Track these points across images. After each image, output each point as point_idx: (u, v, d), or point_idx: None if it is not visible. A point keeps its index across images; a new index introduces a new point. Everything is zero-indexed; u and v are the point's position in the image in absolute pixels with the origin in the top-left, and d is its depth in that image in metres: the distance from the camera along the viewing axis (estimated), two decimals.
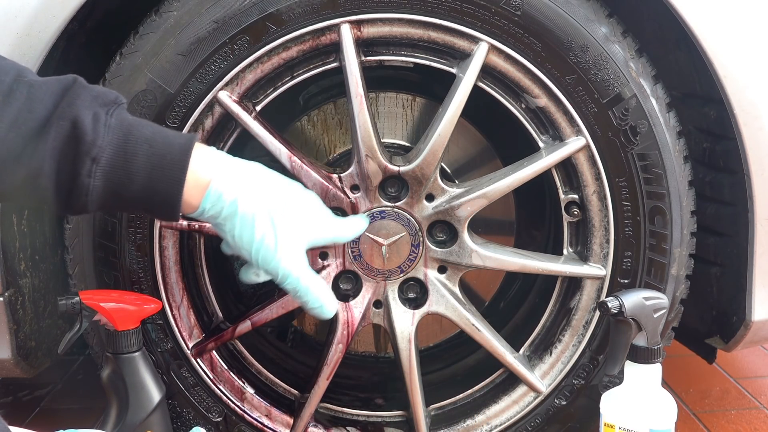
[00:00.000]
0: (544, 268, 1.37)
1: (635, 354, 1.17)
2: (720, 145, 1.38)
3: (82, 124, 0.94)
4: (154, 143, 0.98)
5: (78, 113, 0.94)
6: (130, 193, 0.98)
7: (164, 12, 1.23)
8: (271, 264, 1.06)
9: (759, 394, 1.82)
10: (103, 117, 0.96)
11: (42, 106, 0.93)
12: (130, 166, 0.96)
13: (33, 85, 0.94)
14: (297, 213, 1.08)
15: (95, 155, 0.94)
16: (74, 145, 0.93)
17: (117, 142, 0.96)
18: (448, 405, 1.47)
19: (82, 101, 0.95)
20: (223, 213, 1.03)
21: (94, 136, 0.94)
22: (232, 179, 1.03)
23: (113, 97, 0.99)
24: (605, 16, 1.26)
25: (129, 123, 0.98)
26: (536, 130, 1.32)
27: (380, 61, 1.30)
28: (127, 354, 1.17)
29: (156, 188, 0.98)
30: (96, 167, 0.95)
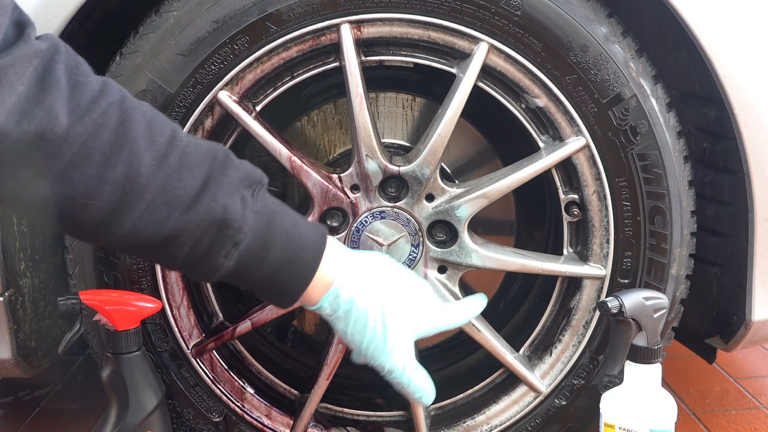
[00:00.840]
0: (544, 268, 1.37)
1: (635, 354, 1.17)
2: (720, 145, 1.38)
3: (232, 211, 0.94)
4: (292, 237, 0.99)
5: (227, 198, 0.94)
6: (254, 278, 0.99)
7: (164, 12, 1.23)
8: (379, 360, 1.08)
9: (759, 394, 1.82)
10: (250, 201, 0.96)
11: (192, 178, 0.92)
12: (266, 255, 0.97)
13: (185, 151, 0.93)
14: (408, 307, 1.09)
15: (238, 240, 0.95)
16: (219, 228, 0.94)
17: (259, 230, 0.96)
18: (448, 405, 1.47)
19: (231, 179, 0.95)
20: (339, 312, 1.05)
21: (241, 223, 0.95)
22: (352, 279, 1.05)
23: (258, 177, 0.99)
24: (605, 16, 1.26)
25: (272, 210, 0.99)
26: (536, 130, 1.32)
27: (380, 61, 1.30)
28: (127, 354, 1.17)
29: (282, 280, 1.00)
30: (235, 250, 0.96)
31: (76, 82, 0.86)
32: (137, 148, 0.88)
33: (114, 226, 0.90)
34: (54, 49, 0.87)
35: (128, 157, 0.88)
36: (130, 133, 0.88)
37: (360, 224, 1.32)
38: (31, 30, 0.86)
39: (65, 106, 0.84)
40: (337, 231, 1.33)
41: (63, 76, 0.85)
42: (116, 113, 0.88)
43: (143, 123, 0.90)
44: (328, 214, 1.33)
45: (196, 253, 0.95)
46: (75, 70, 0.87)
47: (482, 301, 1.20)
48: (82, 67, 0.89)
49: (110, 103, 0.88)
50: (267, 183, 1.01)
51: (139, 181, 0.89)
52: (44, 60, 0.85)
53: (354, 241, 1.33)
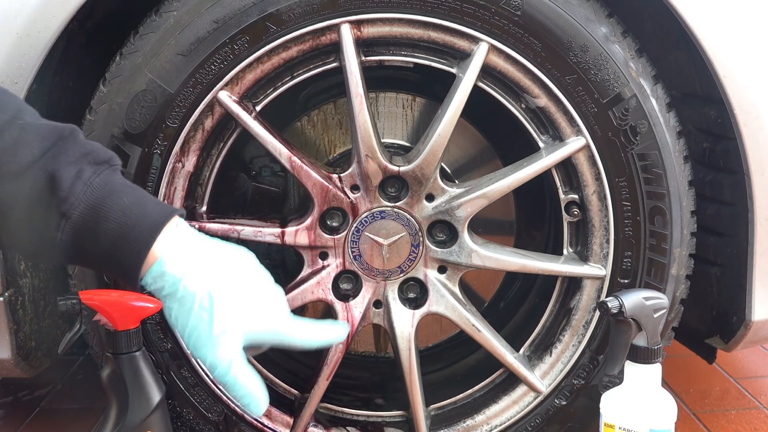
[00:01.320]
0: (544, 268, 1.37)
1: (635, 354, 1.17)
2: (720, 145, 1.38)
3: (60, 179, 0.92)
4: (129, 213, 0.95)
5: (59, 167, 0.92)
6: (91, 255, 0.96)
7: (164, 12, 1.23)
8: (201, 351, 0.99)
9: (759, 394, 1.82)
10: (87, 175, 0.94)
11: (28, 151, 0.92)
12: (99, 229, 0.94)
13: (25, 128, 0.92)
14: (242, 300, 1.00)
15: (65, 211, 0.93)
16: (47, 198, 0.92)
17: (92, 203, 0.94)
18: (448, 405, 1.47)
19: (69, 155, 0.93)
20: (164, 290, 0.99)
21: (68, 193, 0.92)
22: (185, 259, 0.99)
23: (107, 157, 0.97)
24: (605, 16, 1.26)
25: (113, 186, 0.95)
26: (536, 130, 1.32)
27: (380, 61, 1.30)
28: (127, 354, 1.17)
29: (117, 256, 0.96)
30: (66, 223, 0.93)
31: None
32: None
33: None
34: None
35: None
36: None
37: (360, 224, 1.32)
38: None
39: None
40: (337, 231, 1.33)
41: None
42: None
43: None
44: (328, 214, 1.33)
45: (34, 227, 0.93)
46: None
47: (343, 330, 1.10)
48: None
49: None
50: (119, 165, 0.98)
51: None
52: None
53: (354, 241, 1.33)
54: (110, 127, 1.24)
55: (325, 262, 1.35)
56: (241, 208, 1.56)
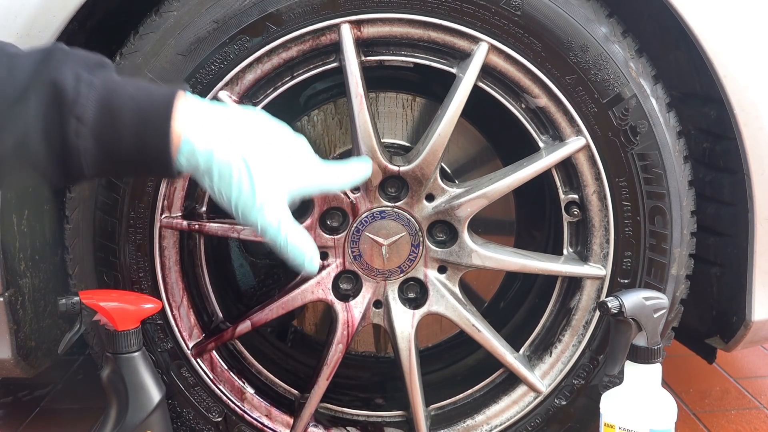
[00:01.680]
0: (544, 268, 1.37)
1: (635, 354, 1.17)
2: (720, 145, 1.38)
3: (62, 84, 0.90)
4: (138, 98, 0.94)
5: (58, 75, 0.91)
6: (121, 152, 0.94)
7: (164, 12, 1.23)
8: (251, 216, 0.99)
9: (759, 394, 1.82)
10: (86, 76, 0.93)
11: (23, 73, 0.91)
12: (117, 123, 0.93)
13: (14, 56, 0.92)
14: (277, 158, 1.00)
15: (78, 114, 0.91)
16: (57, 106, 0.91)
17: (100, 100, 0.92)
18: (448, 405, 1.47)
19: (63, 64, 0.92)
20: (199, 167, 0.98)
21: (75, 94, 0.91)
22: (208, 130, 0.98)
23: (98, 59, 0.96)
24: (605, 16, 1.26)
25: (114, 81, 0.94)
26: (536, 130, 1.32)
27: (380, 61, 1.30)
28: (127, 354, 1.17)
29: (146, 144, 0.95)
30: (81, 126, 0.92)
31: None
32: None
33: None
34: None
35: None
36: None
37: (360, 224, 1.32)
38: None
39: None
40: (337, 231, 1.33)
41: None
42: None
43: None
44: (328, 214, 1.33)
45: (52, 142, 0.91)
46: None
47: (368, 165, 1.11)
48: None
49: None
50: (111, 66, 0.97)
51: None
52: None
53: (354, 241, 1.33)
54: None
55: (325, 262, 1.35)
56: None
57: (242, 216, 0.99)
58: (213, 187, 0.99)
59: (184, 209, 1.30)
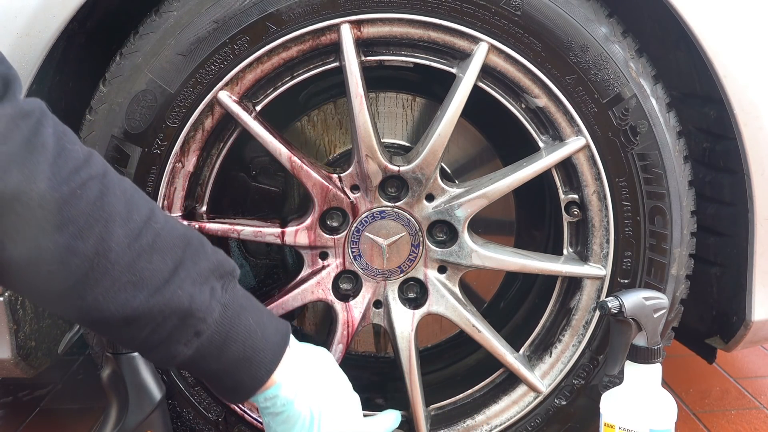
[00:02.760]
0: (544, 268, 1.37)
1: (635, 354, 1.17)
2: (720, 145, 1.38)
3: (198, 300, 0.93)
4: (254, 335, 0.99)
5: (195, 288, 0.93)
6: (209, 370, 0.99)
7: (164, 12, 1.23)
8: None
9: (759, 394, 1.82)
10: (219, 293, 0.96)
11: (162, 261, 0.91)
12: (225, 349, 0.97)
13: (159, 234, 0.92)
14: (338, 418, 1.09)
15: (200, 330, 0.94)
16: (183, 316, 0.92)
17: (223, 324, 0.96)
18: (448, 405, 1.47)
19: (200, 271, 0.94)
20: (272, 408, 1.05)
21: (206, 313, 0.94)
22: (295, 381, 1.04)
23: (230, 268, 0.99)
24: (605, 16, 1.26)
25: (239, 305, 0.98)
26: (536, 130, 1.32)
27: (380, 61, 1.30)
28: (127, 354, 1.17)
29: (236, 377, 1.00)
30: (195, 339, 0.95)
31: (62, 148, 0.85)
32: (112, 224, 0.87)
33: (76, 299, 0.88)
34: (42, 113, 0.85)
35: (101, 232, 0.86)
36: (108, 207, 0.87)
37: (360, 224, 1.32)
38: (17, 87, 0.84)
39: (46, 171, 0.83)
40: (337, 231, 1.33)
41: (50, 140, 0.84)
42: (97, 186, 0.87)
43: (122, 199, 0.89)
44: (328, 214, 1.33)
45: (155, 338, 0.93)
46: (63, 137, 0.86)
47: (397, 419, 1.25)
48: (69, 135, 0.88)
49: (92, 176, 0.87)
50: (238, 275, 1.00)
51: (109, 257, 0.87)
52: (32, 122, 0.83)
53: (354, 241, 1.33)
54: (110, 127, 1.24)
55: (325, 262, 1.35)
56: (241, 208, 1.56)
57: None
58: (271, 425, 1.07)
59: (185, 209, 1.30)
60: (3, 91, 0.83)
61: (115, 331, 0.93)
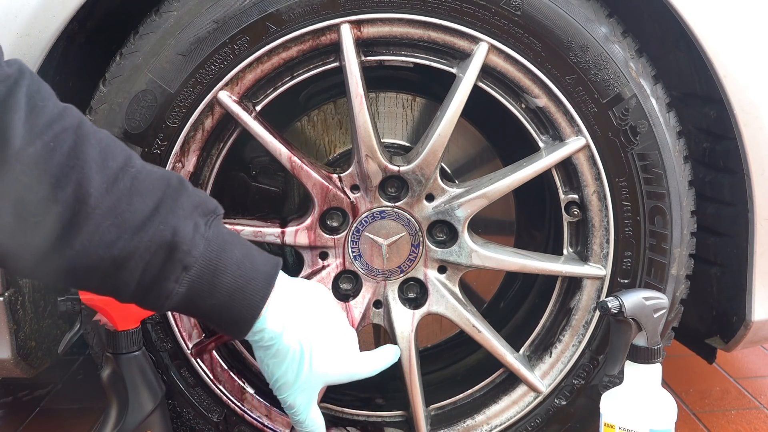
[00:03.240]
0: (544, 268, 1.37)
1: (635, 354, 1.17)
2: (720, 145, 1.38)
3: (182, 232, 0.94)
4: (242, 266, 1.00)
5: (178, 222, 0.94)
6: (205, 306, 0.99)
7: (164, 12, 1.23)
8: (285, 393, 1.11)
9: (759, 394, 1.82)
10: (202, 228, 0.97)
11: (142, 202, 0.93)
12: (216, 282, 0.98)
13: (137, 177, 0.93)
14: (330, 354, 1.10)
15: (187, 264, 0.95)
16: (169, 251, 0.94)
17: (210, 257, 0.97)
18: (448, 405, 1.47)
19: (183, 208, 0.96)
20: (262, 342, 1.07)
21: (191, 246, 0.95)
22: (283, 314, 1.05)
23: (213, 206, 1.00)
24: (605, 16, 1.26)
25: (224, 239, 0.99)
26: (536, 130, 1.32)
27: (380, 61, 1.30)
28: (127, 354, 1.17)
29: (233, 308, 1.01)
30: (184, 275, 0.96)
31: (34, 105, 0.87)
32: (88, 171, 0.89)
33: (65, 247, 0.90)
34: (19, 74, 0.88)
35: (78, 179, 0.88)
36: (82, 156, 0.89)
37: (360, 224, 1.32)
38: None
39: (20, 127, 0.85)
40: (337, 231, 1.33)
41: (23, 99, 0.86)
42: (70, 137, 0.89)
43: (97, 148, 0.91)
44: (328, 214, 1.33)
45: (147, 277, 0.94)
46: (35, 94, 0.88)
47: (396, 353, 1.25)
48: (43, 92, 0.90)
49: (65, 128, 0.89)
50: (222, 213, 1.01)
51: (89, 203, 0.89)
52: (8, 84, 0.86)
53: (354, 241, 1.33)
54: (110, 127, 1.24)
55: (325, 262, 1.35)
56: (241, 208, 1.56)
57: (277, 390, 1.11)
58: (263, 359, 1.09)
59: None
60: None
61: (109, 280, 0.94)
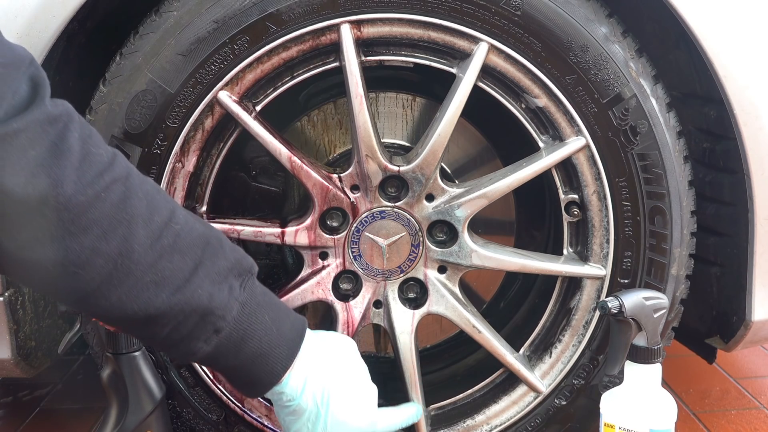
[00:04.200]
0: (544, 268, 1.37)
1: (635, 354, 1.17)
2: (720, 145, 1.38)
3: (218, 298, 0.95)
4: (269, 332, 1.01)
5: (214, 287, 0.95)
6: (227, 365, 1.01)
7: (164, 12, 1.23)
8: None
9: (759, 394, 1.82)
10: (237, 291, 0.98)
11: (183, 261, 0.93)
12: (243, 346, 0.99)
13: (179, 234, 0.94)
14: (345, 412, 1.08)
15: (219, 327, 0.96)
16: (203, 314, 0.95)
17: (241, 321, 0.98)
18: (448, 405, 1.47)
19: (220, 272, 0.96)
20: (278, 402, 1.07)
21: (225, 311, 0.96)
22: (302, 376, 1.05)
23: (248, 266, 1.01)
24: (605, 16, 1.26)
25: (257, 302, 1.00)
26: (536, 130, 1.32)
27: (380, 61, 1.30)
28: (127, 354, 1.17)
29: (253, 372, 1.02)
30: (215, 336, 0.97)
31: (87, 152, 0.87)
32: (134, 226, 0.89)
33: (101, 298, 0.90)
34: (68, 117, 0.87)
35: (124, 234, 0.88)
36: (130, 209, 0.89)
37: (360, 224, 1.32)
38: (45, 91, 0.86)
39: (72, 175, 0.85)
40: (337, 231, 1.33)
41: (76, 144, 0.86)
42: (120, 188, 0.89)
43: (144, 201, 0.91)
44: (328, 214, 1.33)
45: (176, 335, 0.95)
46: (88, 140, 0.88)
47: (417, 412, 1.24)
48: (95, 138, 0.90)
49: (116, 178, 0.89)
50: (256, 272, 1.02)
51: (132, 258, 0.89)
52: (60, 127, 0.85)
53: (354, 241, 1.33)
54: (110, 127, 1.24)
55: (325, 262, 1.35)
56: (241, 208, 1.56)
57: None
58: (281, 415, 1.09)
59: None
60: (33, 96, 0.85)
61: (137, 329, 0.96)
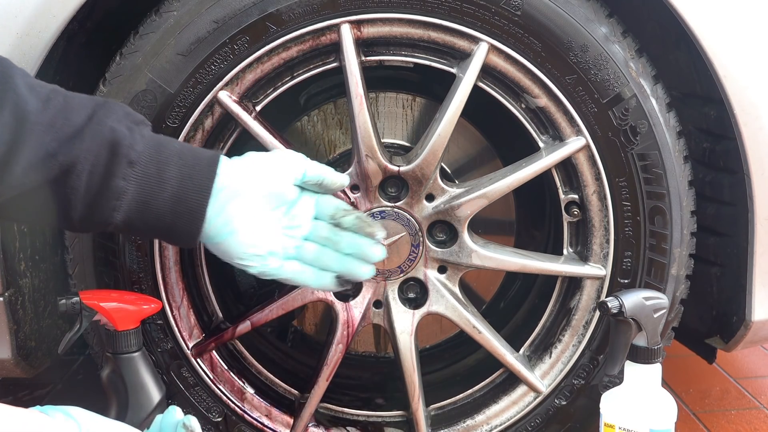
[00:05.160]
0: (544, 268, 1.37)
1: (635, 354, 1.17)
2: (720, 145, 1.38)
3: (120, 131, 1.00)
4: (183, 155, 1.03)
5: (115, 123, 1.00)
6: (158, 203, 1.01)
7: (164, 12, 1.23)
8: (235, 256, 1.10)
9: (759, 394, 1.82)
10: (136, 128, 1.02)
11: (77, 114, 0.99)
12: (163, 174, 1.01)
13: (67, 96, 1.01)
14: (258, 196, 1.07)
15: (133, 158, 0.99)
16: (111, 148, 0.98)
17: (150, 152, 1.01)
18: (448, 405, 1.47)
19: (115, 114, 1.01)
20: None
21: (131, 141, 1.00)
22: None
23: (141, 117, 1.05)
24: (605, 16, 1.26)
25: (158, 137, 1.04)
26: (536, 130, 1.32)
27: (380, 61, 1.30)
28: (127, 354, 1.17)
29: (184, 198, 1.02)
30: (131, 170, 0.99)
31: None
32: (21, 92, 0.96)
33: (13, 164, 0.95)
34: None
35: (14, 100, 0.95)
36: (12, 81, 0.96)
37: None
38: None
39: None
40: None
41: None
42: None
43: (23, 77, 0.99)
44: None
45: (95, 179, 0.98)
46: None
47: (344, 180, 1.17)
48: None
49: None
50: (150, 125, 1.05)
51: (29, 119, 0.95)
52: None
53: None
54: None
55: None
56: None
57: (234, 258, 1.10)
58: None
59: None
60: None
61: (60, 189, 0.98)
